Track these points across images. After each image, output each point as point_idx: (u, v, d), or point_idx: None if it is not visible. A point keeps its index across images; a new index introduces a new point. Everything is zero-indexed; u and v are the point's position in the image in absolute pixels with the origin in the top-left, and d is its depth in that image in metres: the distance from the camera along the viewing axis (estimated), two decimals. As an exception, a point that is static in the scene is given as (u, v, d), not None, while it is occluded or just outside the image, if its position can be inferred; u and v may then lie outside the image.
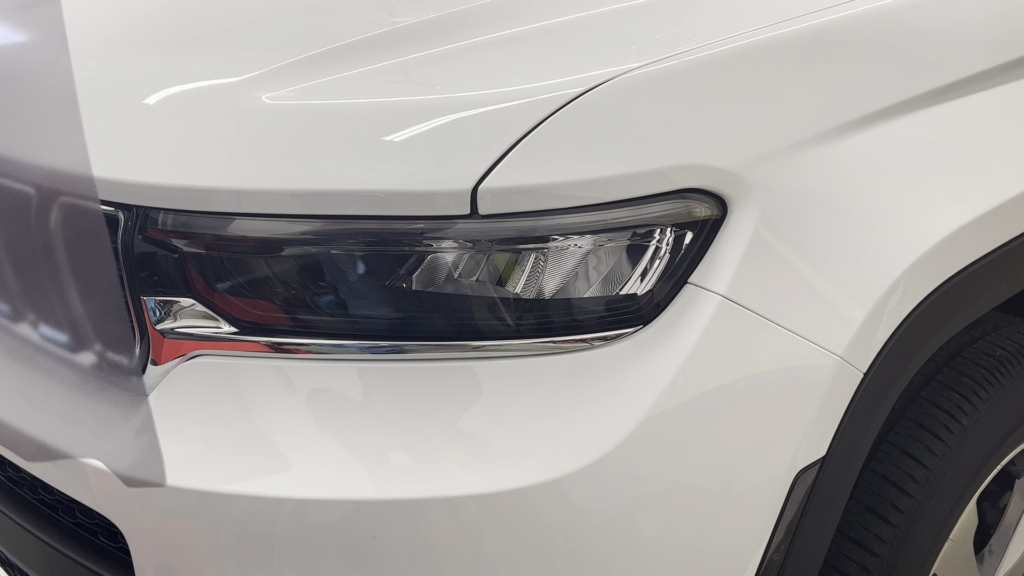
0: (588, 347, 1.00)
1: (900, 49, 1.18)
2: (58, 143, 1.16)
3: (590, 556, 0.98)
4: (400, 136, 1.00)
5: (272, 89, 1.08)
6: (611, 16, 1.22)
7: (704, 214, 1.01)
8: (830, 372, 1.03)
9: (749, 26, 1.11)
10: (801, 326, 1.02)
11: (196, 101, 1.13)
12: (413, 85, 1.13)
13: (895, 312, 1.08)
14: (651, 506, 0.99)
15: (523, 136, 0.97)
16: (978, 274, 1.17)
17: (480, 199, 0.96)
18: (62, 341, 1.19)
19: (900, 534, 1.19)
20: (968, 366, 1.30)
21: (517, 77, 1.08)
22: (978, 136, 1.21)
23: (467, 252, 0.99)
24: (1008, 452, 1.35)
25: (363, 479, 0.95)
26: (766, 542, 1.04)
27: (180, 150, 1.07)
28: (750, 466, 1.02)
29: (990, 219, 1.16)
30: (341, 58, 1.13)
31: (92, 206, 1.07)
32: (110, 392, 1.14)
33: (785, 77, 1.10)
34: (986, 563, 1.49)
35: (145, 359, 1.10)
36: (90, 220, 1.08)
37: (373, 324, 1.02)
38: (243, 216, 1.00)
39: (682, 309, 1.00)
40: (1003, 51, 1.26)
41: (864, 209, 1.08)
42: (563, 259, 0.99)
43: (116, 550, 1.13)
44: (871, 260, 1.07)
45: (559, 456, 0.95)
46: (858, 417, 1.07)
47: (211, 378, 1.05)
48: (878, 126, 1.12)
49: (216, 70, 1.16)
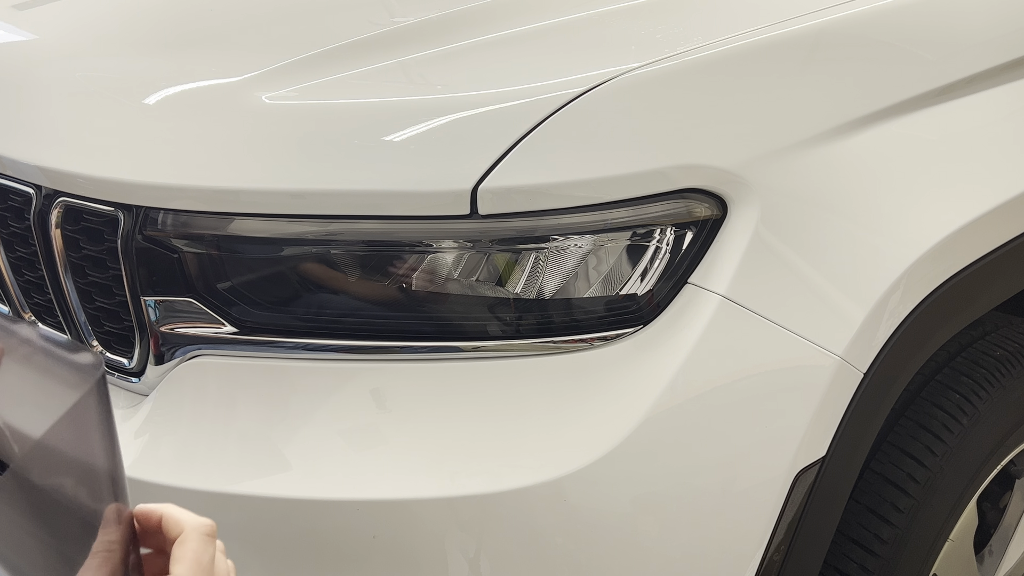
0: (588, 347, 1.00)
1: (900, 49, 1.18)
2: (57, 143, 1.16)
3: (590, 556, 0.98)
4: (400, 136, 1.00)
5: (272, 89, 1.08)
6: (611, 16, 1.22)
7: (704, 214, 1.01)
8: (830, 372, 1.03)
9: (749, 26, 1.11)
10: (801, 326, 1.02)
11: (196, 101, 1.13)
12: (413, 85, 1.13)
13: (895, 312, 1.08)
14: (651, 506, 0.99)
15: (523, 136, 0.97)
16: (978, 274, 1.17)
17: (480, 199, 0.96)
18: (61, 341, 1.18)
19: (900, 534, 1.19)
20: (968, 366, 1.30)
21: (517, 77, 1.08)
22: (978, 136, 1.21)
23: (467, 252, 0.99)
24: (1008, 452, 1.35)
25: (363, 479, 0.95)
26: (766, 542, 1.04)
27: (180, 150, 1.07)
28: (750, 466, 1.02)
29: (990, 219, 1.16)
30: (341, 58, 1.13)
31: (92, 206, 1.07)
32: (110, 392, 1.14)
33: (785, 77, 1.10)
34: (986, 563, 1.49)
35: (145, 359, 1.10)
36: (90, 220, 1.08)
37: (373, 324, 1.02)
38: (243, 216, 1.00)
39: (682, 309, 1.00)
40: (1003, 51, 1.26)
41: (864, 209, 1.08)
42: (563, 259, 0.99)
43: (116, 550, 1.12)
44: (871, 260, 1.07)
45: (559, 456, 0.95)
46: (858, 417, 1.07)
47: (211, 378, 1.04)
48: (878, 126, 1.12)
49: (216, 70, 1.16)
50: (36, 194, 1.14)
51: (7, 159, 1.17)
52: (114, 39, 1.35)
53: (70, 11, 1.50)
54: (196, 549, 0.71)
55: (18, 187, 1.17)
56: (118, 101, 1.17)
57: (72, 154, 1.12)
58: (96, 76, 1.23)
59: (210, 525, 0.72)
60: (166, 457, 1.02)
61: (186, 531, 0.72)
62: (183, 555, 0.71)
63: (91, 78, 1.23)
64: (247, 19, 1.35)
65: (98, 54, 1.30)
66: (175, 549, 0.71)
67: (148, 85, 1.15)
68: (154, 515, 0.73)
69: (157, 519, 0.73)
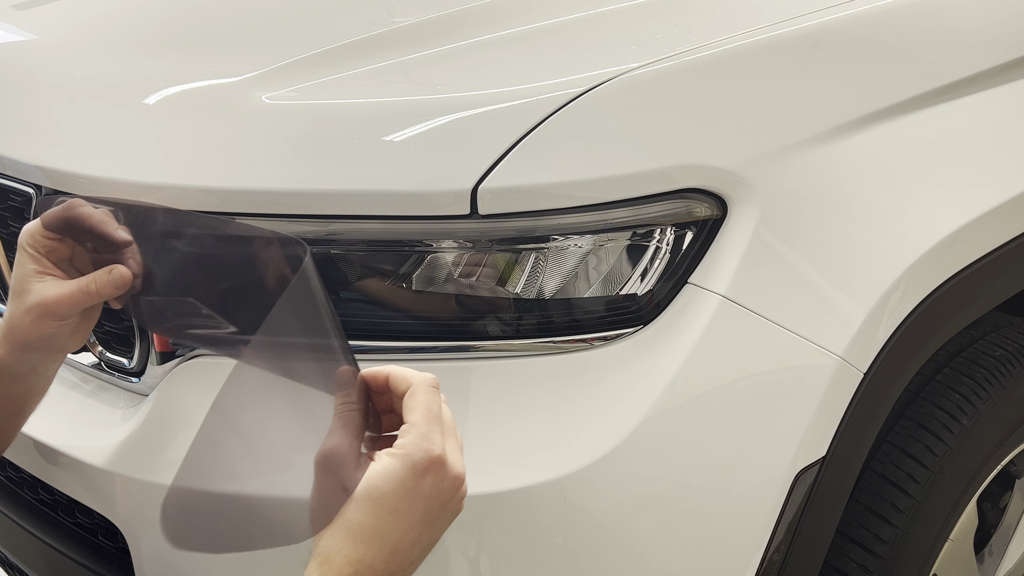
0: (588, 347, 1.00)
1: (900, 49, 1.18)
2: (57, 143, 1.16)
3: (590, 556, 0.98)
4: (400, 136, 1.00)
5: (272, 89, 1.08)
6: (611, 16, 1.22)
7: (704, 214, 1.01)
8: (830, 372, 1.03)
9: (749, 26, 1.11)
10: (801, 326, 1.02)
11: (196, 101, 1.13)
12: (413, 85, 1.13)
13: (895, 312, 1.08)
14: (651, 506, 0.99)
15: (523, 136, 0.97)
16: (978, 274, 1.17)
17: (480, 199, 0.95)
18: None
19: (900, 534, 1.19)
20: (968, 366, 1.30)
21: (517, 77, 1.08)
22: (978, 136, 1.21)
23: (467, 252, 0.99)
24: (1008, 452, 1.35)
25: (363, 479, 0.95)
26: (766, 542, 1.04)
27: (179, 150, 1.07)
28: (750, 466, 1.02)
29: (990, 219, 1.16)
30: (341, 58, 1.13)
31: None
32: (110, 392, 1.15)
33: (785, 77, 1.10)
34: (986, 563, 1.49)
35: (145, 359, 1.10)
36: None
37: (373, 324, 1.02)
38: (242, 216, 1.00)
39: (682, 309, 1.00)
40: (1003, 51, 1.26)
41: (864, 209, 1.08)
42: (563, 259, 0.99)
43: (116, 550, 1.13)
44: (871, 260, 1.07)
45: (559, 456, 0.95)
46: (858, 417, 1.07)
47: (211, 378, 1.04)
48: (878, 126, 1.12)
49: (216, 70, 1.16)
50: (36, 194, 1.14)
51: (7, 159, 1.17)
52: (114, 39, 1.35)
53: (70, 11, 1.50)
54: (426, 399, 0.79)
55: (18, 187, 1.17)
56: (118, 101, 1.17)
57: (72, 154, 1.12)
58: (96, 76, 1.23)
59: (434, 379, 0.80)
60: (166, 457, 1.02)
61: (415, 384, 0.79)
62: (415, 405, 0.78)
63: (91, 78, 1.23)
64: (247, 19, 1.35)
65: (98, 54, 1.30)
66: (406, 400, 0.79)
67: (148, 85, 1.15)
68: (381, 375, 0.81)
69: (384, 378, 0.81)
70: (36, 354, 0.98)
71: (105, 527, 1.11)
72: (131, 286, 0.96)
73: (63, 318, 0.96)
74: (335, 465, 0.75)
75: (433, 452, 0.76)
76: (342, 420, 0.78)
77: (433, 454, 0.75)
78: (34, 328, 0.95)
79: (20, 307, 0.95)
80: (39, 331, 0.96)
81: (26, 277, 0.95)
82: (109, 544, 1.15)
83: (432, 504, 0.77)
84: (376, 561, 0.75)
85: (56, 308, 0.95)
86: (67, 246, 0.98)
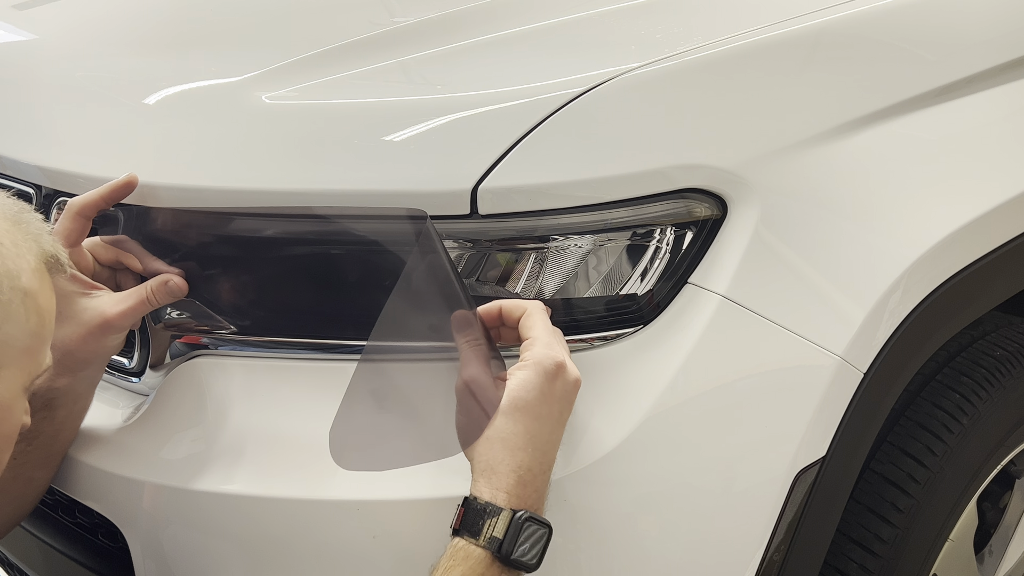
0: (588, 347, 1.00)
1: (900, 49, 1.18)
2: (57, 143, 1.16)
3: (590, 556, 0.98)
4: (400, 136, 1.00)
5: (272, 89, 1.08)
6: (611, 16, 1.22)
7: (704, 214, 1.01)
8: (830, 372, 1.03)
9: (749, 26, 1.11)
10: (801, 326, 1.02)
11: (196, 101, 1.13)
12: (413, 85, 1.13)
13: (895, 312, 1.08)
14: (651, 506, 0.99)
15: (523, 136, 0.97)
16: (978, 274, 1.17)
17: (480, 199, 0.96)
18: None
19: (900, 534, 1.19)
20: (968, 366, 1.30)
21: (517, 77, 1.08)
22: (978, 136, 1.21)
23: (467, 252, 0.99)
24: (1008, 452, 1.35)
25: (363, 479, 0.95)
26: (766, 542, 1.04)
27: (179, 150, 1.07)
28: (750, 466, 1.02)
29: (990, 219, 1.16)
30: (341, 58, 1.13)
31: None
32: (110, 392, 1.14)
33: (785, 77, 1.10)
34: (986, 563, 1.49)
35: (145, 359, 1.10)
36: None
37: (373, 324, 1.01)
38: (242, 216, 1.00)
39: (682, 309, 1.00)
40: (1003, 51, 1.26)
41: (864, 209, 1.08)
42: (563, 259, 0.99)
43: (116, 550, 1.12)
44: (871, 260, 1.07)
45: (559, 456, 0.95)
46: (858, 417, 1.07)
47: (211, 378, 1.04)
48: (878, 126, 1.12)
49: (216, 70, 1.16)
50: (36, 194, 1.14)
51: (7, 159, 1.17)
52: (114, 39, 1.35)
53: (70, 11, 1.50)
54: (542, 316, 0.92)
55: (18, 187, 1.17)
56: (118, 101, 1.17)
57: (72, 154, 1.12)
58: (96, 76, 1.23)
59: (541, 304, 0.94)
60: (166, 457, 1.02)
61: (529, 308, 0.92)
62: (534, 323, 0.91)
63: (91, 78, 1.23)
64: (247, 19, 1.35)
65: (98, 54, 1.31)
66: (524, 321, 0.92)
67: (148, 85, 1.15)
68: (494, 308, 0.94)
69: (497, 310, 0.94)
70: (91, 369, 1.01)
71: (105, 527, 1.11)
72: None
73: (124, 330, 1.00)
74: (476, 389, 0.87)
75: (558, 358, 0.88)
76: (472, 353, 0.90)
77: (559, 359, 0.88)
78: (95, 345, 0.98)
79: (77, 328, 0.97)
80: (100, 347, 0.99)
81: (71, 298, 0.97)
82: (109, 544, 1.15)
83: (564, 405, 0.89)
84: (533, 464, 0.87)
85: (119, 321, 0.98)
86: (87, 261, 1.01)
